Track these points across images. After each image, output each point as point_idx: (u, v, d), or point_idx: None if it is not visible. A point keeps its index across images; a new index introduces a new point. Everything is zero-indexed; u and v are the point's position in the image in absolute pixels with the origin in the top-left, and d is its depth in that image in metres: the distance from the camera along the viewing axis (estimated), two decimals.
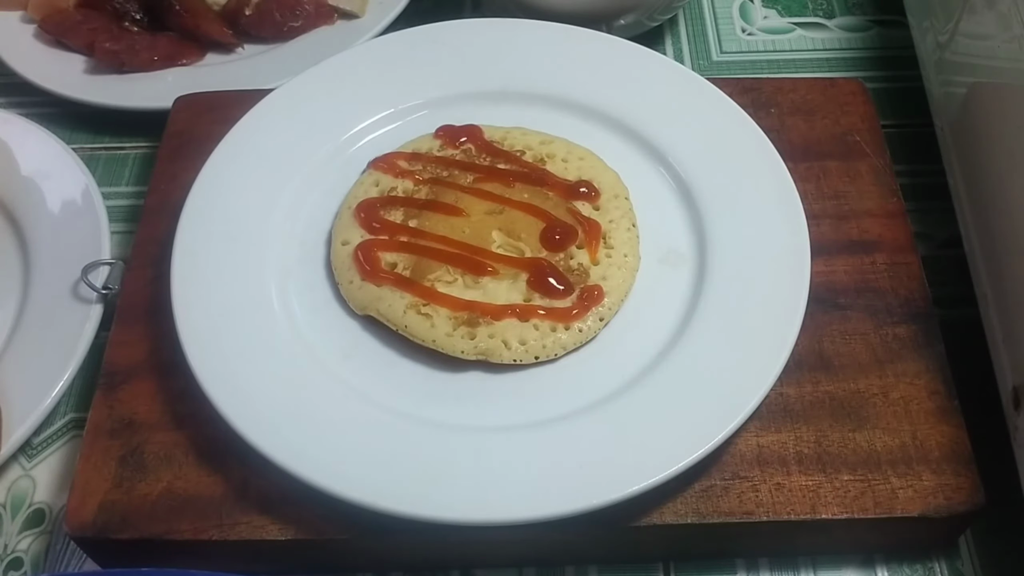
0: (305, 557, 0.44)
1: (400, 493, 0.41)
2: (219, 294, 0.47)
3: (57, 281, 0.52)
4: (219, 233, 0.49)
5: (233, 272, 0.48)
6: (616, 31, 0.60)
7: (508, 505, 0.41)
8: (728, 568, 0.46)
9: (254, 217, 0.50)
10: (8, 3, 0.66)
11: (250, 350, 0.45)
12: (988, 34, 0.49)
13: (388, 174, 0.51)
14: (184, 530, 0.43)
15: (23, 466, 0.50)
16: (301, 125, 0.53)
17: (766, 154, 0.51)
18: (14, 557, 0.47)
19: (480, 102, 0.54)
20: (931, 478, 0.44)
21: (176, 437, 0.45)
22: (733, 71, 0.65)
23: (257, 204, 0.50)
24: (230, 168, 0.51)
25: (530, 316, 0.46)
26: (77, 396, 0.51)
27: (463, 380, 0.46)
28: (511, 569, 0.46)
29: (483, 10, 0.67)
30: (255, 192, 0.50)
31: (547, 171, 0.51)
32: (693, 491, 0.43)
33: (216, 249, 0.48)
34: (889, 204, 0.52)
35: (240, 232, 0.49)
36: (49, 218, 0.55)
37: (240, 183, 0.51)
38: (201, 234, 0.49)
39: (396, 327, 0.46)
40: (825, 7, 0.69)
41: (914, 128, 0.61)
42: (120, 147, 0.62)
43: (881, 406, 0.46)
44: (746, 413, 0.42)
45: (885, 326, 0.48)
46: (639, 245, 0.49)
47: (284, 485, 0.42)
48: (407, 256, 0.48)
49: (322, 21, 0.65)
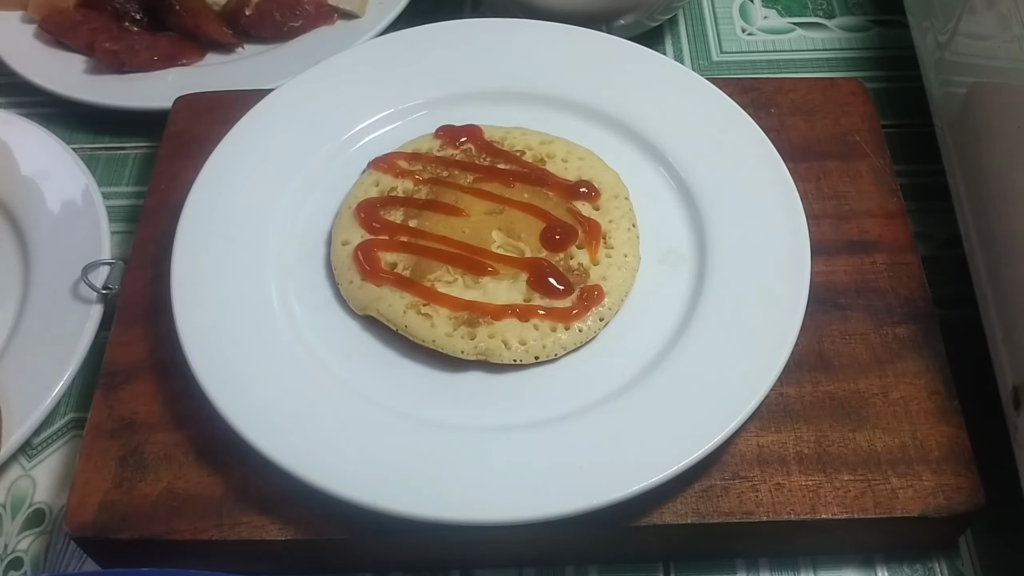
0: (305, 557, 0.44)
1: (400, 493, 0.41)
2: (219, 294, 0.47)
3: (57, 281, 0.52)
4: (219, 233, 0.49)
5: (233, 272, 0.48)
6: (616, 31, 0.60)
7: (508, 505, 0.41)
8: (728, 568, 0.46)
9: (254, 217, 0.50)
10: (8, 3, 0.66)
11: (250, 350, 0.45)
12: (988, 34, 0.49)
13: (388, 174, 0.51)
14: (184, 530, 0.43)
15: (23, 466, 0.50)
16: (301, 125, 0.53)
17: (766, 154, 0.51)
18: (14, 557, 0.47)
19: (480, 102, 0.54)
20: (931, 478, 0.44)
21: (176, 437, 0.45)
22: (733, 71, 0.65)
23: (257, 204, 0.50)
24: (230, 168, 0.51)
25: (530, 316, 0.46)
26: (77, 396, 0.51)
27: (463, 380, 0.46)
28: (511, 569, 0.46)
29: (483, 10, 0.67)
30: (255, 192, 0.50)
31: (547, 171, 0.51)
32: (693, 491, 0.43)
33: (216, 249, 0.48)
34: (889, 204, 0.52)
35: (240, 232, 0.49)
36: (49, 218, 0.55)
37: (240, 183, 0.51)
38: (201, 234, 0.49)
39: (396, 327, 0.46)
40: (825, 7, 0.69)
41: (914, 128, 0.61)
42: (120, 147, 0.62)
43: (881, 406, 0.46)
44: (746, 413, 0.42)
45: (885, 326, 0.48)
46: (639, 245, 0.49)
47: (284, 485, 0.42)
48: (407, 256, 0.48)
49: (322, 21, 0.65)
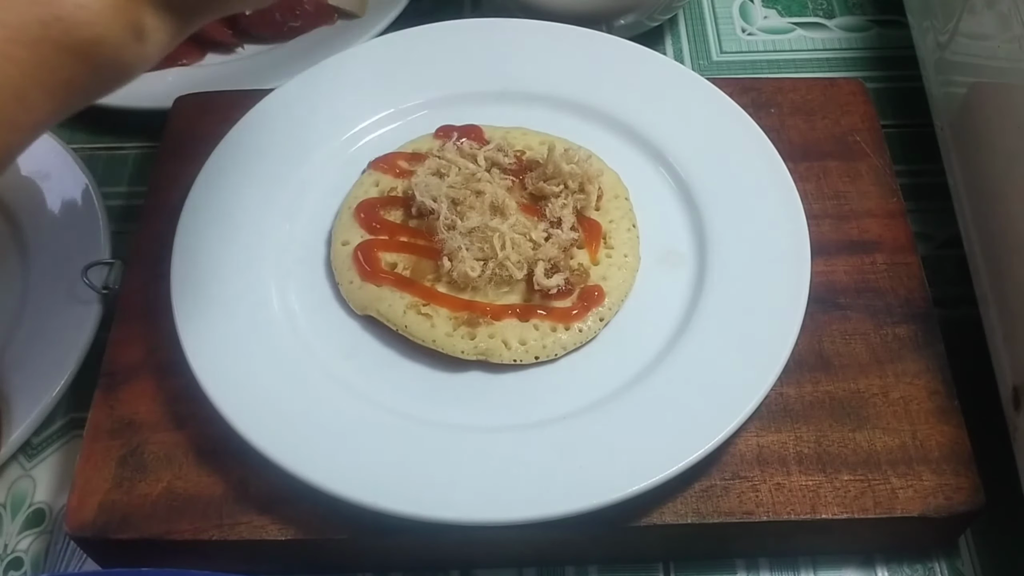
0: (305, 557, 0.44)
1: (400, 493, 0.41)
2: (219, 294, 0.47)
3: (57, 281, 0.52)
4: (219, 233, 0.49)
5: (233, 272, 0.48)
6: (616, 31, 0.60)
7: (508, 505, 0.41)
8: (728, 568, 0.46)
9: (254, 217, 0.50)
10: None
11: (250, 350, 0.45)
12: (988, 34, 0.49)
13: (388, 174, 0.51)
14: (184, 530, 0.43)
15: (23, 466, 0.50)
16: (301, 125, 0.53)
17: (766, 154, 0.51)
18: (14, 557, 0.47)
19: (480, 102, 0.54)
20: (931, 478, 0.44)
21: (176, 437, 0.45)
22: (733, 71, 0.65)
23: (257, 204, 0.50)
24: (230, 168, 0.51)
25: (530, 316, 0.46)
26: (77, 396, 0.51)
27: (463, 380, 0.46)
28: (511, 569, 0.46)
29: (483, 10, 0.67)
30: (255, 192, 0.50)
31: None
32: (693, 491, 0.43)
33: (216, 249, 0.48)
34: (889, 204, 0.52)
35: (240, 232, 0.49)
36: (49, 218, 0.55)
37: (240, 183, 0.50)
38: (201, 234, 0.49)
39: (396, 327, 0.46)
40: (825, 7, 0.69)
41: (914, 128, 0.61)
42: (120, 147, 0.62)
43: (881, 406, 0.46)
44: (746, 413, 0.42)
45: (885, 326, 0.48)
46: (639, 245, 0.49)
47: (284, 485, 0.42)
48: (407, 256, 0.48)
49: (322, 21, 0.65)
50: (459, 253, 0.46)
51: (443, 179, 0.49)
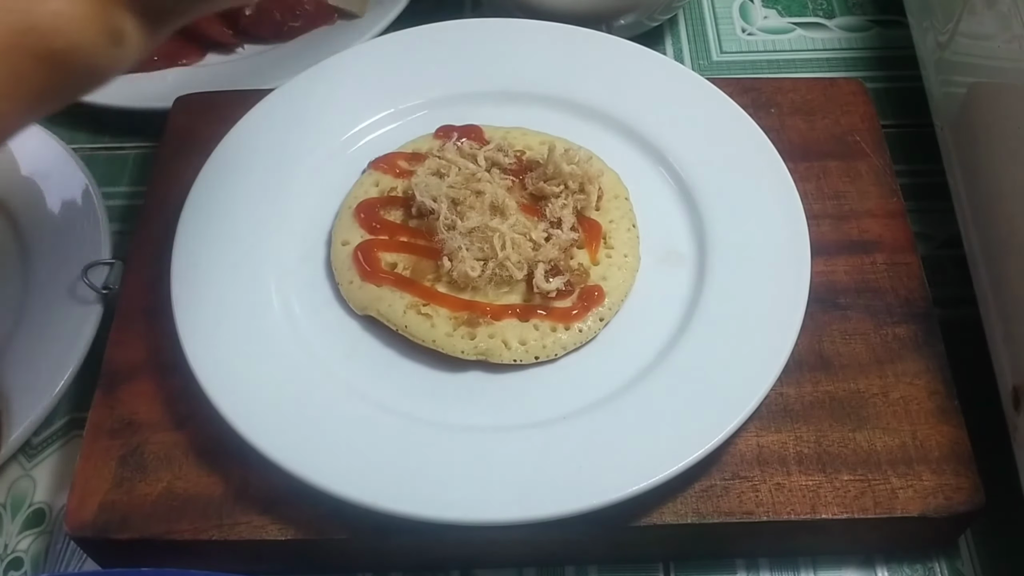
0: (305, 557, 0.44)
1: (400, 493, 0.41)
2: (219, 294, 0.47)
3: (57, 281, 0.52)
4: (219, 233, 0.49)
5: (233, 272, 0.48)
6: (616, 31, 0.60)
7: (508, 505, 0.41)
8: (728, 568, 0.46)
9: (254, 217, 0.50)
10: None
11: (250, 350, 0.45)
12: (988, 34, 0.49)
13: (388, 174, 0.51)
14: (184, 530, 0.43)
15: (23, 466, 0.50)
16: (301, 125, 0.53)
17: (766, 154, 0.51)
18: (14, 557, 0.47)
19: (480, 102, 0.54)
20: (931, 478, 0.44)
21: (176, 437, 0.45)
22: (733, 71, 0.65)
23: (257, 204, 0.50)
24: (230, 168, 0.51)
25: (530, 316, 0.46)
26: (77, 396, 0.51)
27: (463, 380, 0.46)
28: (511, 569, 0.46)
29: (483, 10, 0.67)
30: (255, 192, 0.50)
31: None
32: (693, 491, 0.43)
33: (216, 249, 0.48)
34: (889, 204, 0.52)
35: (240, 232, 0.49)
36: (49, 218, 0.55)
37: (240, 183, 0.50)
38: (201, 234, 0.49)
39: (396, 327, 0.46)
40: (825, 7, 0.69)
41: (914, 128, 0.61)
42: (120, 147, 0.62)
43: (881, 406, 0.46)
44: (746, 413, 0.42)
45: (885, 326, 0.48)
46: (639, 245, 0.49)
47: (284, 485, 0.42)
48: (407, 256, 0.48)
49: (322, 21, 0.65)
50: (459, 253, 0.46)
51: (443, 179, 0.49)
